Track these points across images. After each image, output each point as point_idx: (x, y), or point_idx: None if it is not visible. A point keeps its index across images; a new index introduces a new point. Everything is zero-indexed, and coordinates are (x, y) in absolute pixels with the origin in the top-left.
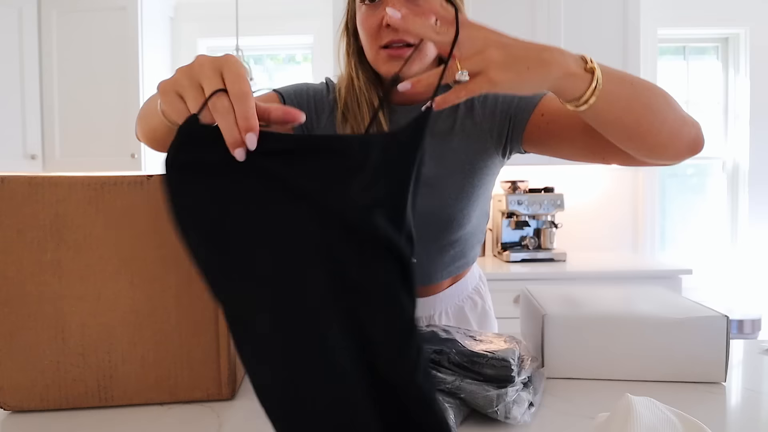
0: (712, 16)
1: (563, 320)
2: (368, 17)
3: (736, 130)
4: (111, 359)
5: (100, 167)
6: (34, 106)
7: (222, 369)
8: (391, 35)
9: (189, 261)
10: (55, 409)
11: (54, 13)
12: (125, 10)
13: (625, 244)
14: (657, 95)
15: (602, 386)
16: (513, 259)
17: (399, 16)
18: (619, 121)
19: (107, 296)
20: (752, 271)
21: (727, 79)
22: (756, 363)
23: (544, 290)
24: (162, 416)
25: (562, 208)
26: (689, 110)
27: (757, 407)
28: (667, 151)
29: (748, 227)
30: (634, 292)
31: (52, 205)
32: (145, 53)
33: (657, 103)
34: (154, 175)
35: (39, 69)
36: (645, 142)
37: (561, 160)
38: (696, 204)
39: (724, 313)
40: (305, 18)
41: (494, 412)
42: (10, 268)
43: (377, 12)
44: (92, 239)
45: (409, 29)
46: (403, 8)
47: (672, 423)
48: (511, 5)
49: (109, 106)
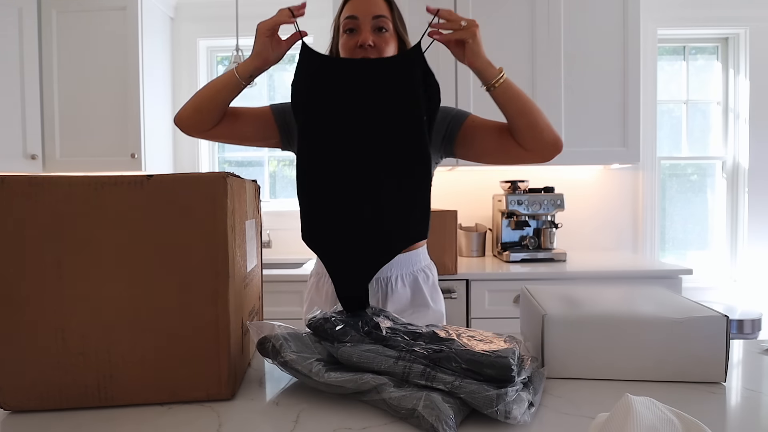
0: (712, 16)
1: (563, 320)
2: (347, 41)
3: (736, 130)
4: (111, 359)
5: (100, 167)
6: (34, 106)
7: (222, 369)
8: (361, 53)
9: (189, 261)
10: (55, 409)
11: (54, 13)
12: (125, 10)
13: (625, 244)
14: (533, 103)
15: (602, 386)
16: (513, 259)
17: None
18: (514, 103)
19: (107, 296)
20: (752, 271)
21: (727, 79)
22: (756, 363)
23: (544, 290)
24: (162, 416)
25: (562, 208)
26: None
27: (757, 407)
28: (543, 135)
29: (748, 227)
30: (634, 292)
31: (52, 205)
32: (145, 53)
33: (536, 105)
34: (154, 175)
35: (39, 69)
36: (531, 121)
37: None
38: (696, 204)
39: (724, 313)
40: (305, 18)
41: (494, 412)
42: (10, 268)
43: (353, 37)
44: (92, 239)
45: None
46: (372, 36)
47: (672, 423)
48: (511, 5)
49: (109, 106)
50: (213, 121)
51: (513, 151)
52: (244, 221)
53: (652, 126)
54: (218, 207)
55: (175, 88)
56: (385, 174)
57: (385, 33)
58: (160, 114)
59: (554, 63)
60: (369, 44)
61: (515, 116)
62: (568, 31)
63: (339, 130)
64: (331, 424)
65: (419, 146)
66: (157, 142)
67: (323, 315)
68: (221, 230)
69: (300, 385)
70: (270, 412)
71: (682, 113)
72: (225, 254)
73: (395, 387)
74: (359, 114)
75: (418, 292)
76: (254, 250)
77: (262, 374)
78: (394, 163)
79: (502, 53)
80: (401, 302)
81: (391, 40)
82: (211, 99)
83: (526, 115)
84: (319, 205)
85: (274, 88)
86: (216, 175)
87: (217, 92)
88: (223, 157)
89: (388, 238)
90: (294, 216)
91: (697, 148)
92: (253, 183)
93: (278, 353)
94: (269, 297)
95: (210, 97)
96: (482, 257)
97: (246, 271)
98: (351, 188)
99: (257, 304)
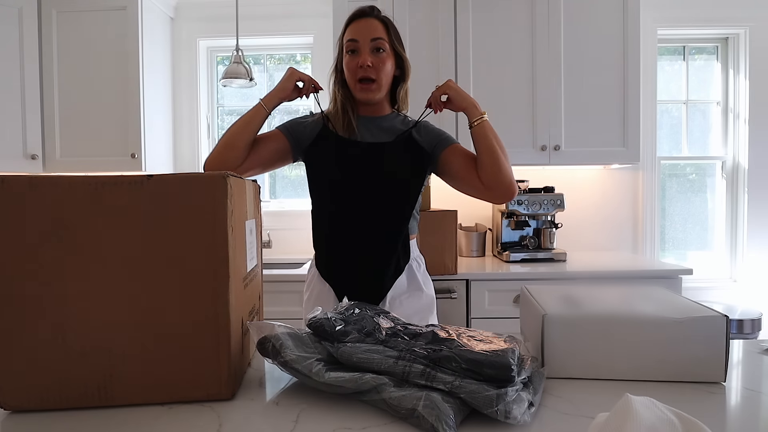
0: (712, 17)
1: (563, 320)
2: (350, 61)
3: (735, 130)
4: (111, 359)
5: (100, 167)
6: (35, 106)
7: (222, 369)
8: (363, 72)
9: (189, 261)
10: (55, 409)
11: (54, 13)
12: (125, 10)
13: (625, 244)
14: (505, 150)
15: (602, 386)
16: (513, 259)
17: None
18: (488, 140)
19: (107, 296)
20: (752, 271)
21: (727, 79)
22: (756, 363)
23: (544, 290)
24: (162, 416)
25: (562, 208)
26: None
27: (757, 407)
28: (501, 175)
29: (748, 227)
30: (634, 292)
31: (52, 205)
32: (145, 53)
33: (504, 151)
34: (154, 175)
35: (39, 69)
36: (494, 160)
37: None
38: (696, 204)
39: (724, 313)
40: (305, 18)
41: (494, 412)
42: (11, 267)
43: (356, 58)
44: (92, 239)
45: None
46: (370, 57)
47: (672, 423)
48: (511, 5)
49: (109, 106)
50: (244, 154)
51: (474, 183)
52: (244, 221)
53: (652, 126)
54: (218, 207)
55: (175, 88)
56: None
57: (382, 53)
58: (160, 114)
59: (554, 63)
60: (368, 65)
61: (483, 153)
62: (568, 31)
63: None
64: (331, 424)
65: (401, 207)
66: (157, 142)
67: (323, 315)
68: (221, 230)
69: (300, 385)
70: (270, 412)
71: (681, 113)
72: (225, 254)
73: (395, 387)
74: (359, 179)
75: (413, 278)
76: (254, 250)
77: (262, 374)
78: (381, 220)
79: (502, 53)
80: (400, 287)
81: (388, 58)
82: (243, 131)
83: (492, 154)
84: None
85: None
86: (216, 175)
87: (248, 123)
88: None
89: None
90: (294, 216)
91: (697, 148)
92: (253, 183)
93: (278, 353)
94: (269, 297)
95: (241, 130)
96: (482, 257)
97: (246, 271)
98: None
99: (257, 304)
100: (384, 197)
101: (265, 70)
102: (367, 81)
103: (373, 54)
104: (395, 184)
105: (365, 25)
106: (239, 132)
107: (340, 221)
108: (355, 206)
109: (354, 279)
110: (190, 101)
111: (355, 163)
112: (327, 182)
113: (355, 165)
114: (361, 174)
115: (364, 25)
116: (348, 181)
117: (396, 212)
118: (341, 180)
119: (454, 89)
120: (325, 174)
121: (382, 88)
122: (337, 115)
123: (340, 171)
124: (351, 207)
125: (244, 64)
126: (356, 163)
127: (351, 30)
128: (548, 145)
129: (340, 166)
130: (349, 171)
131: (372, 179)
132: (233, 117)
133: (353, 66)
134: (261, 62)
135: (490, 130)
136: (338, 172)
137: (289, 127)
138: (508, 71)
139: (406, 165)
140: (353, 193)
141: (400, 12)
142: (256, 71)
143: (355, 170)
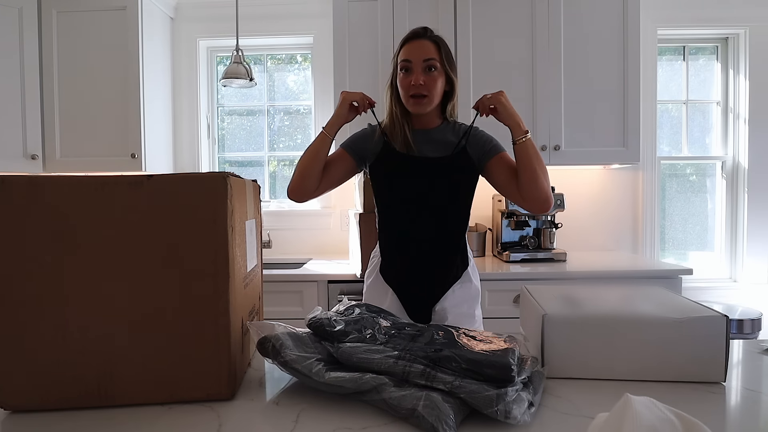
0: (711, 17)
1: (563, 320)
2: (404, 79)
3: (735, 130)
4: (111, 359)
5: (100, 167)
6: (34, 106)
7: (222, 369)
8: (414, 90)
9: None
10: (55, 409)
11: (54, 13)
12: (125, 10)
13: (625, 244)
14: (544, 167)
15: (602, 386)
16: (513, 259)
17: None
18: (529, 158)
19: (107, 296)
20: (752, 271)
21: (727, 79)
22: (756, 363)
23: (544, 290)
24: (162, 416)
25: (562, 208)
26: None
27: (757, 407)
28: (538, 191)
29: (748, 227)
30: (634, 292)
31: (52, 205)
32: (145, 53)
33: (544, 169)
34: (154, 175)
35: (39, 69)
36: (533, 177)
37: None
38: (696, 204)
39: (724, 313)
40: (305, 18)
41: (494, 412)
42: (11, 267)
43: (409, 77)
44: (92, 239)
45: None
46: (422, 76)
47: (672, 423)
48: (511, 5)
49: (109, 106)
50: (318, 179)
51: (514, 193)
52: (244, 221)
53: (652, 126)
54: (218, 207)
55: (175, 88)
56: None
57: (433, 72)
58: (160, 114)
59: (554, 63)
60: (420, 83)
61: (524, 169)
62: (568, 31)
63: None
64: (331, 424)
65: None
66: (157, 142)
67: (323, 315)
68: (221, 230)
69: (300, 385)
70: (270, 412)
71: (681, 113)
72: (225, 254)
73: (395, 387)
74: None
75: (464, 272)
76: (254, 250)
77: (262, 374)
78: (440, 222)
79: (502, 53)
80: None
81: (439, 77)
82: (314, 160)
83: (532, 172)
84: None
85: (274, 89)
86: (216, 175)
87: (317, 153)
88: (223, 157)
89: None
90: (294, 216)
91: (697, 148)
92: (253, 183)
93: (278, 353)
94: (269, 297)
95: (312, 160)
96: (482, 257)
97: (246, 271)
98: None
99: (257, 304)
100: (442, 213)
101: (265, 70)
102: (419, 96)
103: (425, 73)
104: (452, 200)
105: (418, 46)
106: (310, 162)
107: (403, 234)
108: (417, 222)
109: (417, 286)
110: (190, 101)
111: (414, 179)
112: (388, 199)
113: (414, 182)
114: (420, 191)
115: (417, 46)
116: (406, 199)
117: (454, 225)
118: (401, 198)
119: (504, 105)
120: (388, 191)
121: (433, 101)
122: (395, 130)
123: (401, 189)
124: (412, 222)
125: (244, 64)
126: (415, 179)
127: (405, 50)
128: (548, 145)
129: (400, 184)
130: (409, 188)
131: (431, 196)
132: (233, 117)
133: (406, 84)
134: (261, 62)
135: (532, 148)
136: (400, 190)
137: (351, 145)
138: (508, 71)
139: (460, 181)
140: (413, 210)
141: (400, 12)
142: (256, 71)
143: (414, 187)
